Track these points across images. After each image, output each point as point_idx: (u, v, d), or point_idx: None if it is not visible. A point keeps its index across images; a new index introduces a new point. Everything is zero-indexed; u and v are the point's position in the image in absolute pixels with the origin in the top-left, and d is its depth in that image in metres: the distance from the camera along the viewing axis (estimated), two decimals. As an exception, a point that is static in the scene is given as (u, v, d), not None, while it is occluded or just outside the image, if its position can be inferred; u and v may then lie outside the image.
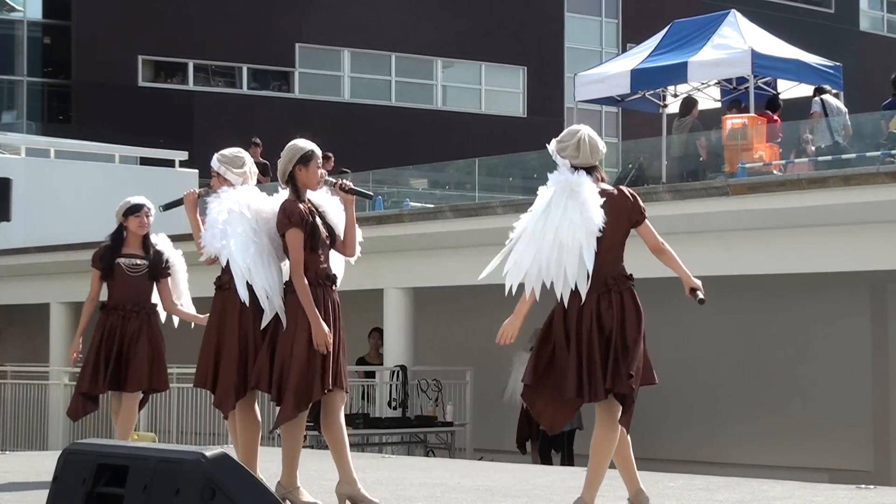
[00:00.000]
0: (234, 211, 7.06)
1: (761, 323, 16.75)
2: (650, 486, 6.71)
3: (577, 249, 6.34)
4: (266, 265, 7.01)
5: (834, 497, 8.05)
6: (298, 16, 37.86)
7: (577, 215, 6.36)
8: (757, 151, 16.60)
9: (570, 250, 6.35)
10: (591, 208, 6.34)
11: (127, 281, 8.96)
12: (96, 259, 9.08)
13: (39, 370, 21.01)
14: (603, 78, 20.16)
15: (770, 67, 18.74)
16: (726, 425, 16.83)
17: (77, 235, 21.31)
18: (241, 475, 5.01)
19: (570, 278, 6.38)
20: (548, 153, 6.70)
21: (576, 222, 6.35)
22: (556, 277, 6.42)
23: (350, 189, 7.06)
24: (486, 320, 18.16)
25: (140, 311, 8.92)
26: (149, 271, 8.94)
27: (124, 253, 9.00)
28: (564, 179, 6.45)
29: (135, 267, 8.96)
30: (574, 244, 6.34)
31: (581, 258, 6.35)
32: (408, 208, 18.53)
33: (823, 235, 13.51)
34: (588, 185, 6.42)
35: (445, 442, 16.56)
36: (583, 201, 6.36)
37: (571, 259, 6.36)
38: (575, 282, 6.38)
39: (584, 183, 6.42)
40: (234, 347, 6.96)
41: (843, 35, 44.45)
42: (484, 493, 8.42)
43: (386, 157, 31.76)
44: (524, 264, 6.46)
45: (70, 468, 5.28)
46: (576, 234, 6.34)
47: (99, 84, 36.53)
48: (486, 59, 41.13)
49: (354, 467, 6.99)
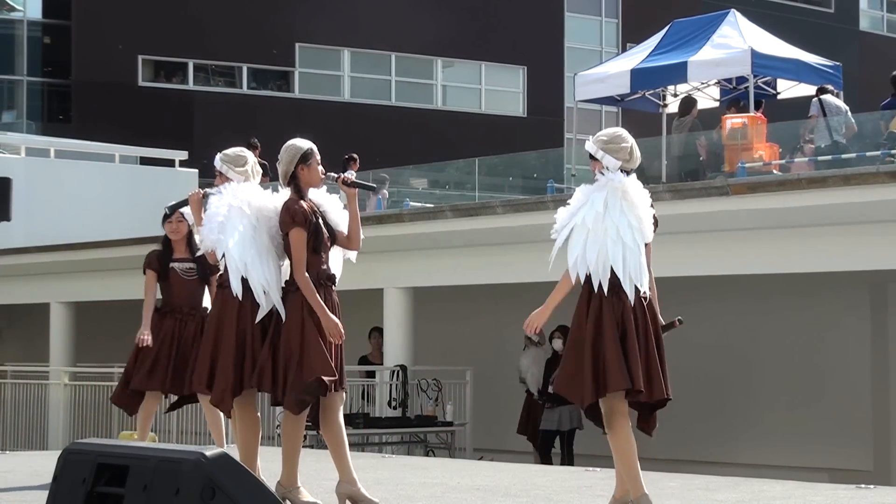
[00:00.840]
0: (234, 206, 7.07)
1: (761, 323, 16.74)
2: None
3: (637, 251, 6.52)
4: (264, 261, 7.01)
5: (834, 497, 8.05)
6: (298, 16, 37.85)
7: (633, 218, 6.54)
8: (757, 151, 16.60)
9: (631, 251, 6.51)
10: (644, 214, 6.58)
11: (182, 284, 8.98)
12: (153, 260, 9.04)
13: (39, 370, 21.01)
14: (603, 78, 20.17)
15: (770, 67, 18.75)
16: (726, 425, 16.84)
17: (77, 235, 21.32)
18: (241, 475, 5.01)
19: (634, 277, 6.51)
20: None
21: (633, 225, 6.54)
22: (619, 272, 6.51)
23: (353, 182, 7.07)
24: (485, 320, 18.24)
25: (195, 315, 8.92)
26: (199, 274, 8.94)
27: (176, 258, 9.00)
28: (620, 181, 6.58)
29: (189, 271, 8.98)
30: (634, 245, 6.52)
31: (642, 260, 6.54)
32: (408, 208, 18.52)
33: (823, 235, 13.50)
34: (642, 191, 6.63)
35: (445, 442, 16.56)
36: (637, 205, 6.56)
37: (633, 259, 6.51)
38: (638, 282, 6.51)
39: (639, 189, 6.62)
40: (232, 345, 6.96)
41: (843, 35, 44.44)
42: (484, 493, 8.42)
43: (386, 156, 31.73)
44: (591, 258, 6.50)
45: (70, 468, 5.28)
46: (634, 235, 6.53)
47: (99, 84, 36.53)
48: (486, 58, 41.12)
49: (354, 467, 6.99)
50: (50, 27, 38.23)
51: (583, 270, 6.51)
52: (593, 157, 6.65)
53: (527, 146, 31.86)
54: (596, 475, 9.51)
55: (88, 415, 18.95)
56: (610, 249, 6.48)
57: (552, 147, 33.89)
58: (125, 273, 20.88)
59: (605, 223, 6.50)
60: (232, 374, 6.93)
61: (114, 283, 21.15)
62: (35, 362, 22.15)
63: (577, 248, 6.54)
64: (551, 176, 20.35)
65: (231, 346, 6.96)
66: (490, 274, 16.26)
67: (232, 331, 6.98)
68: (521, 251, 15.50)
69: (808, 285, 15.81)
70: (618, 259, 6.48)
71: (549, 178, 19.74)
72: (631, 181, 6.61)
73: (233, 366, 6.94)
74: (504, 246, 15.71)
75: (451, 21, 39.59)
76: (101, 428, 18.54)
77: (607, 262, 6.48)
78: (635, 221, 6.53)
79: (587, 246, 6.51)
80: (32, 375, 20.72)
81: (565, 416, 16.22)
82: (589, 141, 6.68)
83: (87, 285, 21.57)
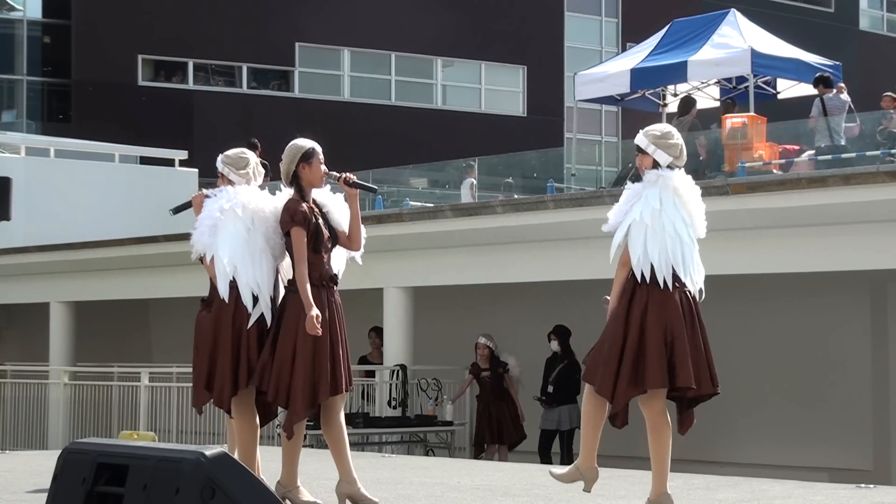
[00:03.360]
0: (227, 210, 7.08)
1: (761, 323, 16.74)
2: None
3: (692, 246, 6.58)
4: (256, 263, 7.02)
5: (834, 496, 8.05)
6: (298, 15, 37.84)
7: (686, 214, 6.58)
8: (757, 151, 16.60)
9: (688, 246, 6.56)
10: (695, 209, 6.62)
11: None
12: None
13: (39, 369, 21.01)
14: (603, 77, 20.18)
15: (770, 67, 18.77)
16: (726, 425, 16.82)
17: (77, 235, 21.31)
18: (241, 474, 5.01)
19: (692, 273, 6.57)
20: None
21: (687, 221, 6.58)
22: (679, 269, 6.55)
23: (354, 183, 7.08)
24: (485, 320, 18.22)
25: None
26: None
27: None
28: (671, 177, 6.61)
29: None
30: (690, 241, 6.57)
31: (697, 255, 6.59)
32: (408, 208, 18.52)
33: (823, 235, 13.50)
34: (693, 187, 6.66)
35: (445, 441, 16.56)
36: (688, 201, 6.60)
37: (690, 254, 6.57)
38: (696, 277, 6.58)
39: (690, 184, 6.66)
40: (229, 345, 6.97)
41: (843, 35, 44.43)
42: (484, 493, 8.42)
43: (386, 156, 31.74)
44: (653, 254, 6.52)
45: (70, 467, 5.28)
46: (689, 231, 6.58)
47: (99, 84, 36.52)
48: (485, 58, 41.12)
49: (354, 466, 6.99)
50: (50, 27, 38.22)
51: (646, 267, 6.51)
52: (642, 151, 6.66)
53: (527, 146, 31.88)
54: (596, 475, 9.49)
55: (88, 414, 18.96)
56: (669, 246, 6.52)
57: (552, 147, 33.92)
58: (125, 273, 20.92)
59: (662, 219, 6.52)
60: (230, 374, 6.95)
61: (113, 282, 21.15)
62: (35, 362, 22.15)
63: (639, 246, 6.54)
64: (551, 176, 20.36)
65: (228, 345, 6.97)
66: (490, 274, 16.25)
67: (229, 330, 6.99)
68: (521, 251, 15.50)
69: (808, 285, 15.80)
70: (678, 255, 6.53)
71: (549, 178, 19.76)
72: (680, 176, 6.63)
73: (230, 366, 6.95)
74: (504, 246, 15.71)
75: (451, 21, 39.58)
76: (101, 428, 18.55)
77: (668, 259, 6.51)
78: (688, 217, 6.57)
79: (647, 243, 6.53)
80: (32, 375, 20.73)
81: (564, 415, 16.22)
82: (640, 135, 6.70)
83: (86, 285, 21.57)
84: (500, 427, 16.35)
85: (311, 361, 6.82)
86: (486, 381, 16.45)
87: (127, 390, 18.20)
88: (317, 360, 6.83)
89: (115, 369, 19.77)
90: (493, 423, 16.35)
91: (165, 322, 23.23)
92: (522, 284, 16.71)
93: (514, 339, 16.77)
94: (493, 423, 16.35)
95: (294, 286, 6.92)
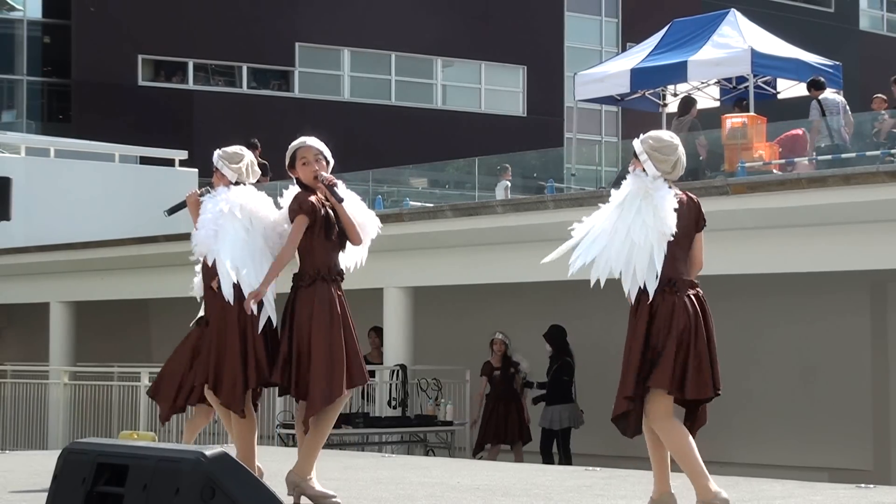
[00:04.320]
0: (225, 212, 7.08)
1: (761, 323, 16.74)
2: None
3: (648, 249, 6.42)
4: (258, 265, 7.04)
5: (834, 496, 8.05)
6: (298, 15, 37.85)
7: (650, 217, 6.45)
8: (757, 151, 16.60)
9: (640, 249, 6.42)
10: (665, 212, 6.44)
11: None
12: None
13: (39, 369, 21.02)
14: (603, 77, 20.20)
15: (770, 67, 18.78)
16: (726, 424, 16.79)
17: (77, 235, 21.31)
18: (241, 474, 5.01)
19: (638, 277, 6.44)
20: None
21: (648, 224, 6.44)
22: (624, 274, 6.48)
23: (328, 185, 7.08)
24: (485, 320, 18.21)
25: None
26: None
27: None
28: (642, 182, 6.52)
29: None
30: (646, 244, 6.42)
31: (651, 259, 6.42)
32: (407, 207, 18.52)
33: (823, 235, 13.50)
34: (665, 190, 6.51)
35: (445, 441, 16.56)
36: (657, 205, 6.45)
37: (641, 258, 6.43)
38: (644, 281, 6.44)
39: (661, 188, 6.51)
40: (237, 346, 6.97)
41: (843, 34, 44.44)
42: (484, 493, 8.42)
43: (386, 156, 31.75)
44: (591, 254, 6.48)
45: (70, 467, 5.27)
46: (648, 234, 6.43)
47: (99, 84, 36.53)
48: (485, 58, 41.12)
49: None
50: (50, 27, 38.23)
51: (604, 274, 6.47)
52: (636, 156, 6.62)
53: (527, 146, 31.87)
54: (596, 475, 9.50)
55: (88, 414, 18.96)
56: (615, 248, 6.45)
57: (552, 147, 33.91)
58: (125, 273, 20.92)
59: (618, 222, 6.46)
60: (241, 375, 6.96)
61: (113, 282, 21.16)
62: (35, 362, 22.15)
63: (582, 245, 6.54)
64: (551, 175, 20.36)
65: (236, 346, 6.99)
66: (490, 274, 16.25)
67: (235, 331, 7.00)
68: (521, 251, 15.49)
69: (808, 285, 15.80)
70: (620, 259, 6.44)
71: (549, 178, 19.76)
72: (657, 182, 6.51)
73: (241, 367, 6.97)
74: (504, 246, 15.70)
75: (451, 21, 39.58)
76: (101, 427, 18.55)
77: (608, 261, 6.46)
78: (651, 220, 6.43)
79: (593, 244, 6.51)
80: (32, 375, 20.73)
81: (556, 415, 16.20)
82: (637, 140, 6.62)
83: (86, 285, 21.58)
84: (506, 427, 16.34)
85: (328, 354, 6.84)
86: (496, 380, 16.43)
87: (127, 390, 18.20)
88: (333, 352, 6.85)
89: (115, 369, 19.78)
90: (501, 422, 16.34)
91: (165, 322, 23.21)
92: (522, 284, 16.71)
93: (514, 338, 16.76)
94: (501, 422, 16.34)
95: (300, 281, 6.96)
